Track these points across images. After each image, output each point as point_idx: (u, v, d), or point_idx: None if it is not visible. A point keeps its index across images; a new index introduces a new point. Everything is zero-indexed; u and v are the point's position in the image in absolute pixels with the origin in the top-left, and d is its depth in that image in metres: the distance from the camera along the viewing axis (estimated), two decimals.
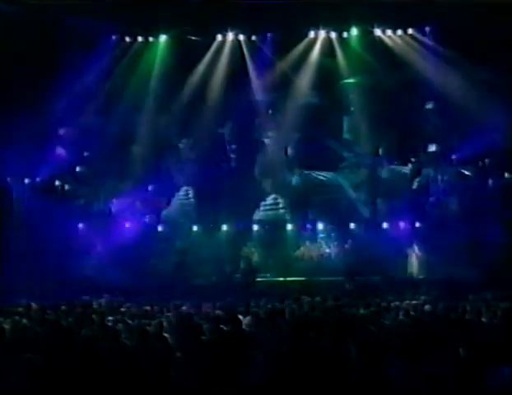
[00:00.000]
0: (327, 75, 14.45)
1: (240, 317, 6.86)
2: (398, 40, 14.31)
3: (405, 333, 5.94)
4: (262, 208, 15.01)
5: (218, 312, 7.61)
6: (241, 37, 14.48)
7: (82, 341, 5.69)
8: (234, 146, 15.35)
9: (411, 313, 7.51)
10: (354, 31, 14.31)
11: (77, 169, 14.99)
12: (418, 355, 5.05)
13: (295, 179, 15.06)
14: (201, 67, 14.49)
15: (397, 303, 8.59)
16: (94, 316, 7.46)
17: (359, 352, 5.17)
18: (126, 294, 10.82)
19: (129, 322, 7.02)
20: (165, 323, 6.53)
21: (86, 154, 15.01)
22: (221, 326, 6.36)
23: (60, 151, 14.67)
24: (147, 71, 14.51)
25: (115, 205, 14.95)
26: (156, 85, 14.44)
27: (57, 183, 14.73)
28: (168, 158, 15.50)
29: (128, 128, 14.65)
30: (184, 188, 15.15)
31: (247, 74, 14.47)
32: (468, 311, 7.37)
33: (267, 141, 15.14)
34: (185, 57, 14.32)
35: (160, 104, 14.51)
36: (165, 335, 5.87)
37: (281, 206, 15.03)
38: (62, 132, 14.68)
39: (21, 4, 12.46)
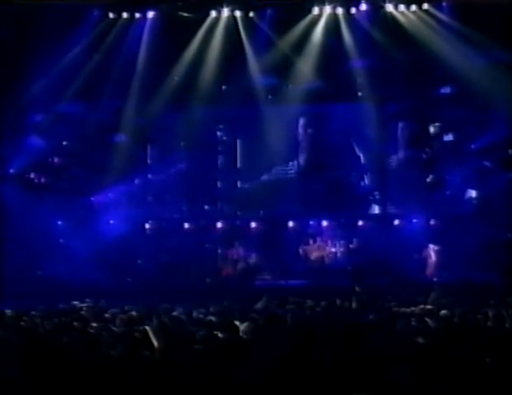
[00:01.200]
0: (332, 56, 14.40)
1: (237, 323, 6.88)
2: (412, 17, 14.26)
3: (418, 341, 5.96)
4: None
5: (212, 317, 7.63)
6: (238, 13, 14.42)
7: (62, 351, 5.69)
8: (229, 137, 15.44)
9: (426, 319, 7.53)
10: (363, 6, 14.26)
11: (55, 160, 14.95)
12: (433, 366, 5.05)
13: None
14: (192, 47, 14.43)
15: (409, 308, 8.61)
16: (74, 323, 7.45)
17: (367, 362, 5.18)
18: (110, 298, 10.82)
19: (114, 329, 7.03)
20: (153, 330, 6.54)
21: (64, 143, 14.98)
22: (216, 333, 6.38)
23: (36, 139, 14.63)
24: (133, 51, 14.45)
25: (98, 200, 14.94)
26: (143, 67, 14.39)
27: (32, 175, 14.69)
28: (157, 148, 15.49)
29: (111, 115, 14.61)
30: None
31: (243, 55, 14.42)
32: (491, 317, 7.38)
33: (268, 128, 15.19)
34: (175, 35, 14.27)
35: (147, 88, 14.46)
36: (154, 343, 5.88)
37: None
38: (37, 118, 14.64)
39: None
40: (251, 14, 14.46)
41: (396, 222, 14.94)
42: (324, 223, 15.05)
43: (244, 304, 9.40)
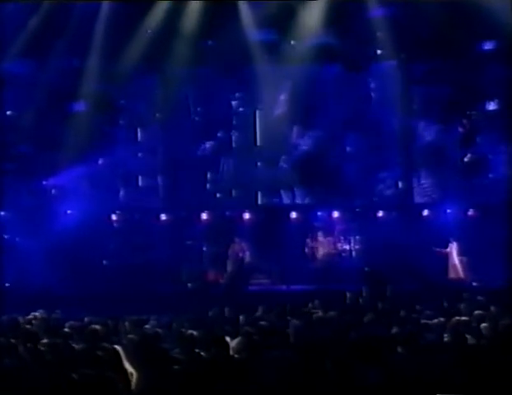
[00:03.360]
0: (345, 4, 14.40)
1: (227, 339, 6.94)
2: None
3: (453, 361, 6.00)
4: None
5: (195, 331, 7.68)
6: None
7: (6, 374, 5.70)
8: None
9: (462, 332, 7.59)
10: None
11: None
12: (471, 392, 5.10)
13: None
14: None
15: (441, 319, 8.68)
16: (20, 339, 7.48)
17: (388, 386, 5.23)
18: (68, 307, 10.87)
19: (74, 346, 7.07)
20: (122, 348, 6.58)
21: (9, 113, 14.96)
22: (199, 351, 6.41)
23: None
24: None
25: (52, 184, 14.95)
26: (108, 18, 14.31)
27: None
28: (126, 119, 15.48)
29: (68, 77, 14.58)
30: None
31: (235, 4, 14.41)
32: None
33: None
34: None
35: (113, 43, 14.39)
36: (123, 363, 5.92)
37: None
38: None
39: None
40: None
41: (425, 213, 15.00)
42: (336, 214, 15.09)
43: (236, 315, 9.46)
